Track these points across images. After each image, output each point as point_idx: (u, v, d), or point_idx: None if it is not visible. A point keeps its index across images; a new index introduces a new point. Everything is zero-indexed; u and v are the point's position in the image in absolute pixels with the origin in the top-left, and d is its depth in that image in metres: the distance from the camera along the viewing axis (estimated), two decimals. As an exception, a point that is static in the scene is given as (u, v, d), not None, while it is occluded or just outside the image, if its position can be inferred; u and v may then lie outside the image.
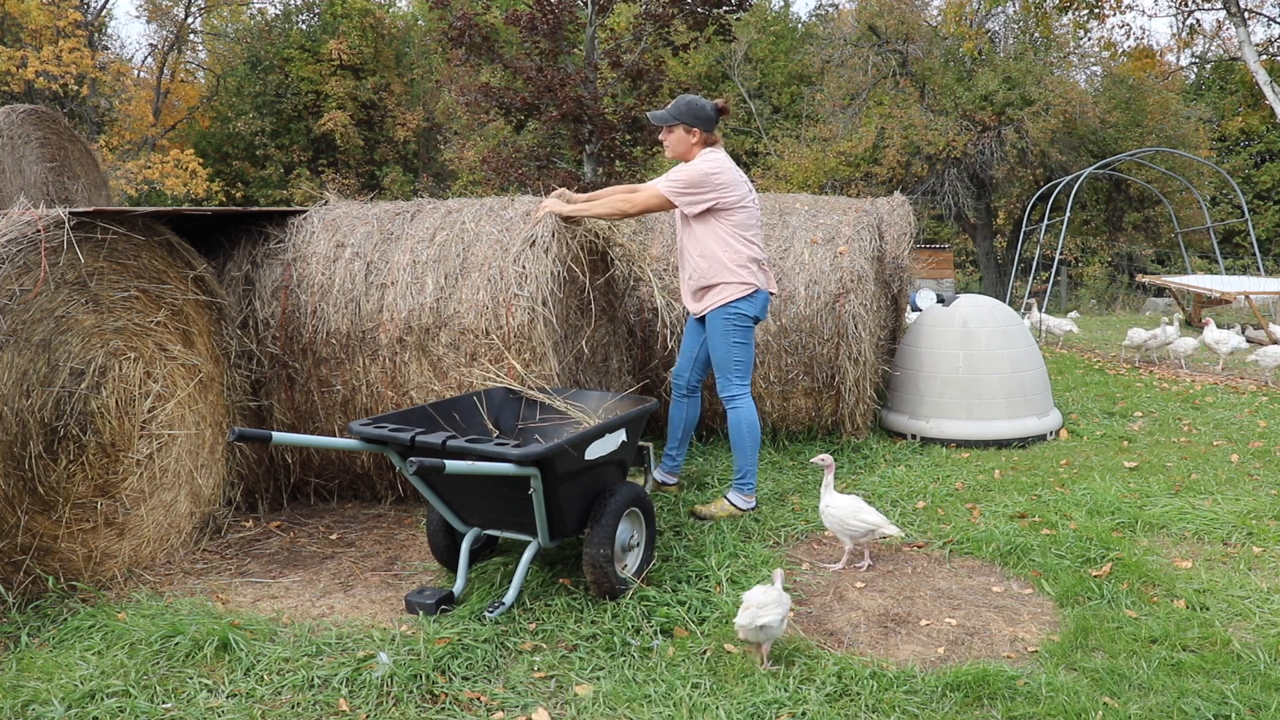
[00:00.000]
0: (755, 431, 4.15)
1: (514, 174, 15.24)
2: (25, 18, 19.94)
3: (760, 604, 2.62)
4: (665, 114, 4.07)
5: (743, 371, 4.12)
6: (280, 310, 4.22)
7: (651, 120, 4.08)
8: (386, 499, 4.40)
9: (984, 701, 2.50)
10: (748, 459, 4.15)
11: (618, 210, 4.07)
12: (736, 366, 4.10)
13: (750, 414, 4.13)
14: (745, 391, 4.13)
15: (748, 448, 4.14)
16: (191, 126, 28.15)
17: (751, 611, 2.61)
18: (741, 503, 4.14)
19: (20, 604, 3.09)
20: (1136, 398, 6.77)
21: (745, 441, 4.14)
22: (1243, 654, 2.71)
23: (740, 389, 4.12)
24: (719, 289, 4.08)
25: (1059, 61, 22.55)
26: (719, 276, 4.06)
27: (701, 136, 4.06)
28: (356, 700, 2.52)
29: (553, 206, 4.10)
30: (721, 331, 4.09)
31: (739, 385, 4.11)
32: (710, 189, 3.97)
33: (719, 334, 4.10)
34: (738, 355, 4.10)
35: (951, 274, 21.03)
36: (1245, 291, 11.62)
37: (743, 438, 4.13)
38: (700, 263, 4.09)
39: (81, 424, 3.36)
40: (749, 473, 4.16)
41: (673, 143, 4.08)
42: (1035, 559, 3.49)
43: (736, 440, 4.15)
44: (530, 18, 14.65)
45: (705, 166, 3.97)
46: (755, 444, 4.16)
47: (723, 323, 4.08)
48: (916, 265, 8.95)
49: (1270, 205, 25.65)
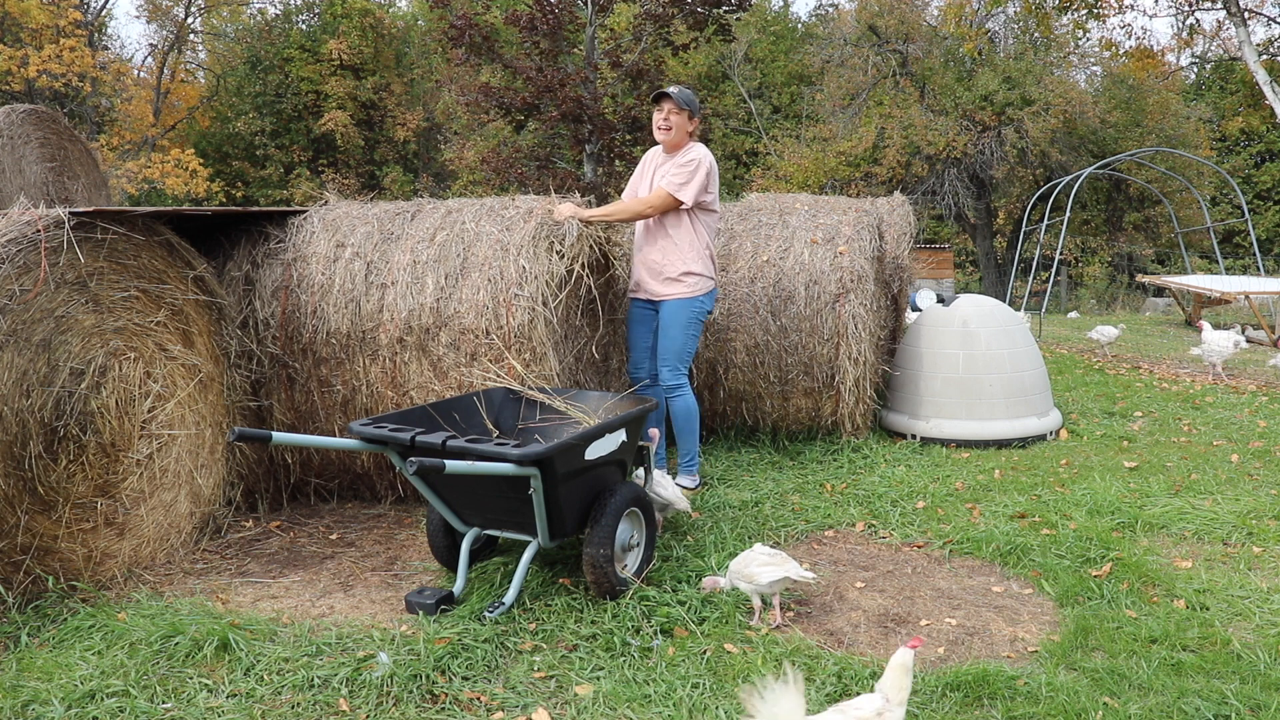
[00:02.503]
0: (696, 415, 4.49)
1: (514, 174, 15.24)
2: (25, 17, 19.94)
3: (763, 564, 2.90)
4: (686, 96, 4.34)
5: (688, 361, 4.46)
6: (280, 310, 4.22)
7: (673, 96, 4.27)
8: (386, 499, 4.40)
9: (984, 701, 2.50)
10: (694, 442, 4.50)
11: (638, 214, 4.31)
12: (687, 357, 4.42)
13: (693, 400, 4.47)
14: (687, 379, 4.47)
15: (694, 431, 4.48)
16: (191, 126, 28.15)
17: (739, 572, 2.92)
18: (690, 483, 4.48)
19: (20, 604, 3.09)
20: (1136, 398, 6.77)
21: (693, 425, 4.47)
22: (1243, 654, 2.71)
23: (684, 377, 4.44)
24: (692, 280, 4.31)
25: (1059, 61, 22.55)
26: (691, 267, 4.31)
27: (696, 123, 4.40)
28: (356, 700, 2.52)
29: (571, 212, 4.16)
30: (684, 322, 4.32)
31: (684, 374, 4.44)
32: (711, 183, 4.30)
33: (680, 324, 4.32)
34: (691, 346, 4.42)
35: (951, 274, 21.03)
36: (1245, 291, 11.63)
37: (691, 422, 4.45)
38: (676, 249, 4.31)
39: (81, 424, 3.36)
40: (696, 454, 4.53)
41: (678, 125, 4.32)
42: (1035, 559, 3.49)
43: (686, 426, 4.45)
44: (530, 18, 14.66)
45: (708, 164, 4.28)
46: (697, 426, 4.51)
47: (688, 314, 4.33)
48: (916, 265, 8.95)
49: (1270, 205, 25.66)
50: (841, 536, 3.90)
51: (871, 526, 4.00)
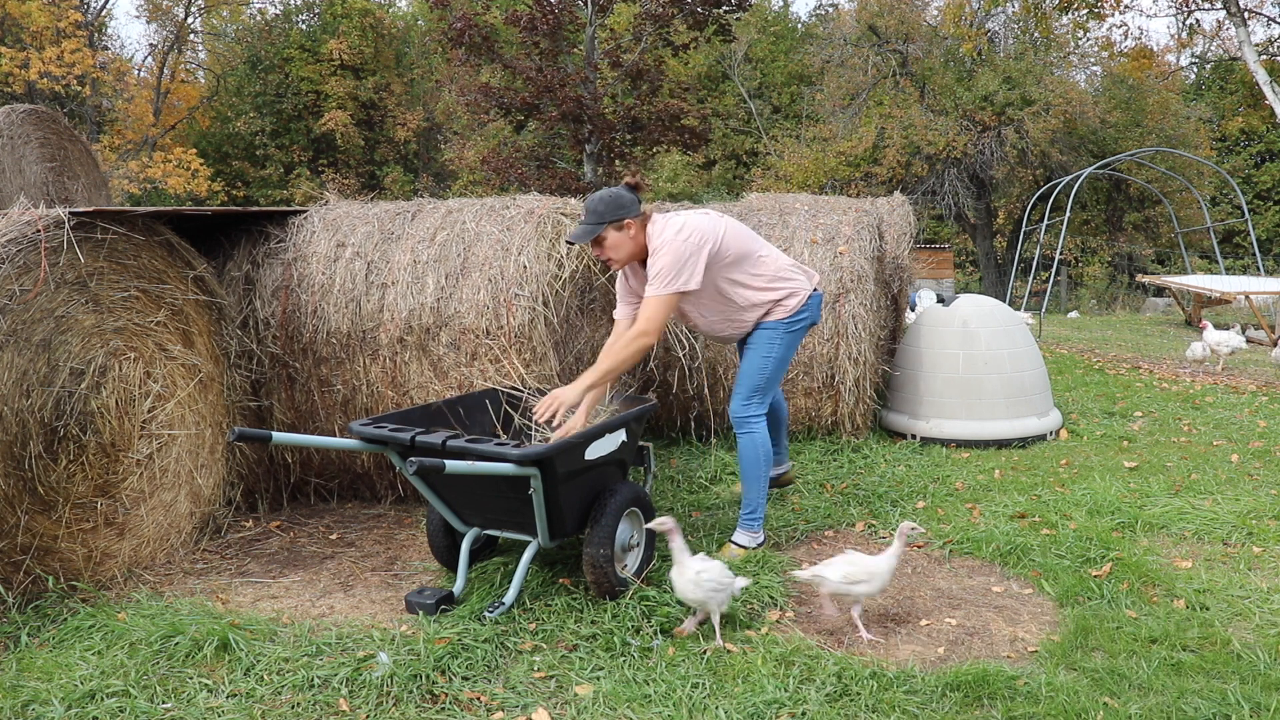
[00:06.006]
0: (767, 457, 3.63)
1: (514, 174, 15.25)
2: (26, 19, 19.94)
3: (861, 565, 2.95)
4: (585, 229, 3.37)
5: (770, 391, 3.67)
6: (280, 310, 4.22)
7: (577, 237, 3.39)
8: (386, 499, 4.40)
9: (984, 701, 2.50)
10: (760, 491, 3.63)
11: (641, 349, 3.31)
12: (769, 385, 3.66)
13: (764, 437, 3.62)
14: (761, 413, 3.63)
15: (760, 478, 3.62)
16: (191, 126, 28.14)
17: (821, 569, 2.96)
18: (749, 541, 3.62)
19: (20, 604, 3.09)
20: (1136, 398, 6.77)
21: (759, 470, 3.62)
22: (1243, 654, 2.71)
23: (756, 408, 3.62)
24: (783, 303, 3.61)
25: (1059, 61, 22.55)
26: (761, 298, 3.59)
27: (636, 222, 3.38)
28: (356, 700, 2.52)
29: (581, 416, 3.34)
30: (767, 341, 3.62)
31: (756, 406, 3.62)
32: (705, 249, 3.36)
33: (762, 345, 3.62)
34: (776, 372, 3.65)
35: (951, 274, 21.02)
36: (1245, 291, 11.64)
37: (757, 467, 3.61)
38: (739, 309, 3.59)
39: (81, 424, 3.36)
40: (760, 505, 3.64)
41: (612, 248, 3.38)
42: (1035, 559, 3.49)
43: (751, 470, 3.62)
44: (530, 18, 14.66)
45: (677, 241, 3.31)
46: (769, 471, 3.67)
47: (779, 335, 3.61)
48: (916, 265, 8.95)
49: (1270, 205, 25.66)
50: (841, 536, 3.90)
51: (871, 526, 4.00)
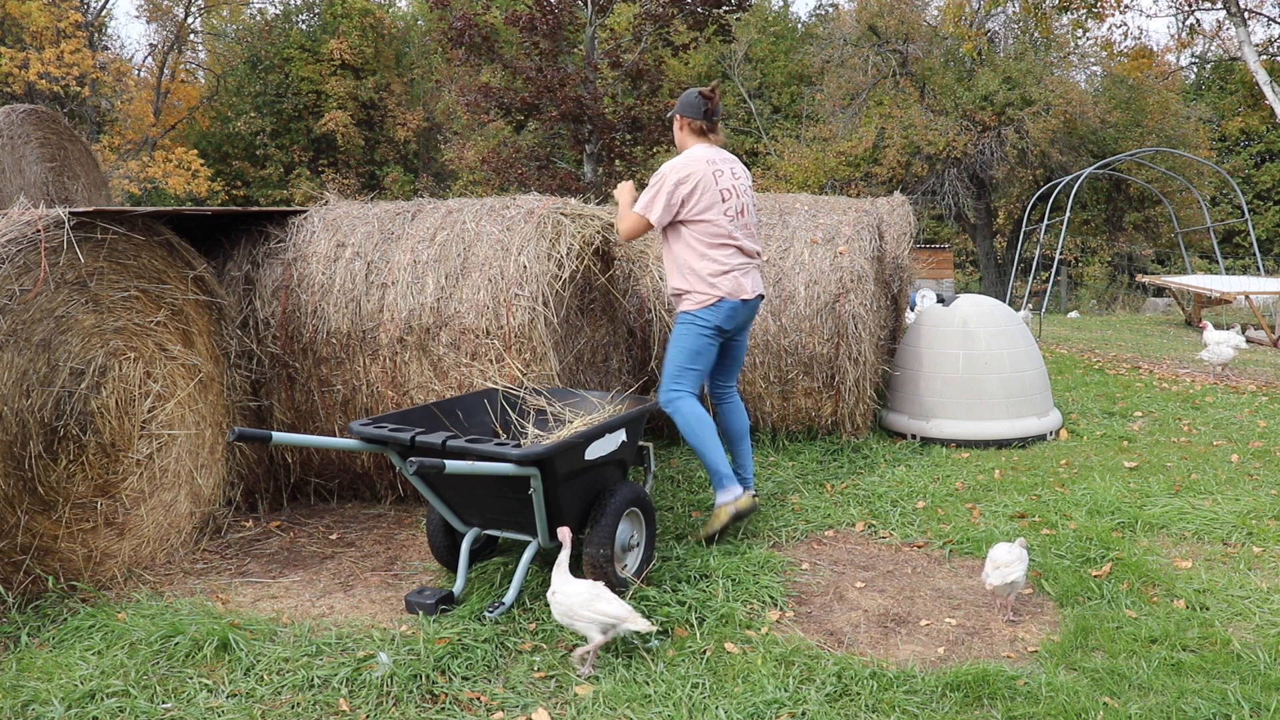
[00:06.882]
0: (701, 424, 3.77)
1: (514, 174, 15.25)
2: (26, 19, 19.94)
3: (1007, 562, 2.95)
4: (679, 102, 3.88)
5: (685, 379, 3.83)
6: (280, 310, 4.22)
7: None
8: (386, 499, 4.40)
9: (984, 701, 2.50)
10: (710, 453, 3.78)
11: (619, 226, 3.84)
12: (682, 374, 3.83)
13: (690, 409, 3.77)
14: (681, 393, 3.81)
15: (706, 441, 3.78)
16: (192, 126, 28.13)
17: (1002, 570, 2.95)
18: (726, 496, 3.78)
19: (20, 604, 3.09)
20: (1136, 398, 6.77)
21: (702, 435, 3.78)
22: (1243, 654, 2.71)
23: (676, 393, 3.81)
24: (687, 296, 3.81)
25: (1059, 61, 22.54)
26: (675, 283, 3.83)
27: (686, 123, 3.79)
28: (356, 700, 2.52)
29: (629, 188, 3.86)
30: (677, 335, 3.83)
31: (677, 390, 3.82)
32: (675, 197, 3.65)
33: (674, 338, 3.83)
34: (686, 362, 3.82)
35: (951, 274, 21.02)
36: (1245, 291, 11.64)
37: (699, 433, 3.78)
38: (673, 267, 3.83)
39: (81, 424, 3.36)
40: (718, 466, 3.79)
41: (674, 134, 3.91)
42: (1035, 559, 3.49)
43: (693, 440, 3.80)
44: (530, 18, 14.66)
45: (672, 178, 3.65)
46: (713, 435, 3.80)
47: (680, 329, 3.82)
48: (916, 265, 8.95)
49: (1270, 205, 25.65)
50: (841, 536, 3.90)
51: (871, 526, 4.00)
